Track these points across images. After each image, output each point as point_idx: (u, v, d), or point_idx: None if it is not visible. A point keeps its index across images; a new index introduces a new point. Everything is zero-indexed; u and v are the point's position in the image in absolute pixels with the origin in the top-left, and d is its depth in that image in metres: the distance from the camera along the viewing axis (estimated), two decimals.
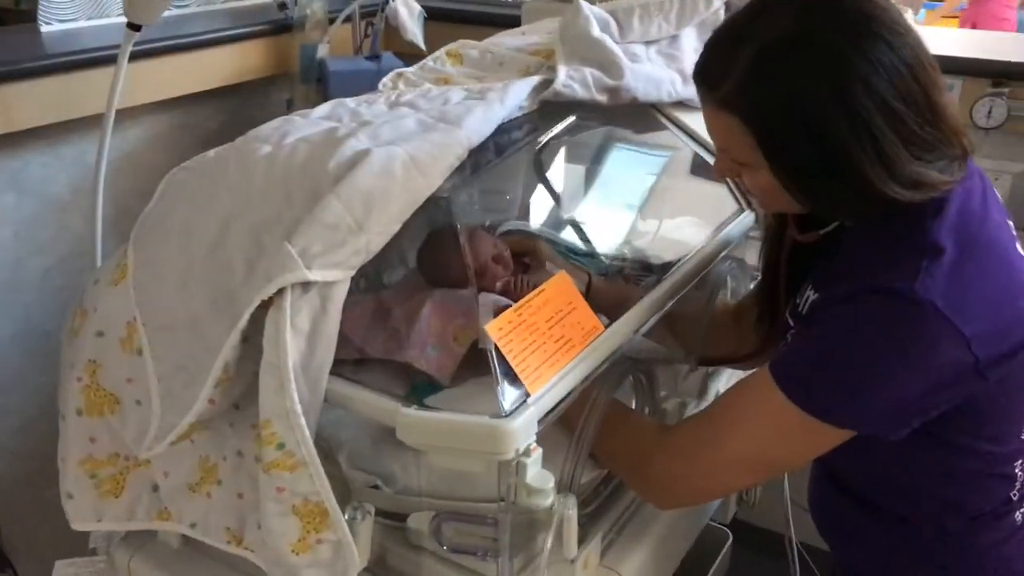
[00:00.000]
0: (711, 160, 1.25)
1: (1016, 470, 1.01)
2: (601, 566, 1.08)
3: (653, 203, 1.32)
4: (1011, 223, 0.99)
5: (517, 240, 1.21)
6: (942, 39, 2.06)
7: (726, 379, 1.31)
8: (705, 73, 0.93)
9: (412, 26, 2.15)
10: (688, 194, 1.32)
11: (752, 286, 1.32)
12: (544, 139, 1.08)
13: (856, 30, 0.85)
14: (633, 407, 1.12)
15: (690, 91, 1.24)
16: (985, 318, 0.88)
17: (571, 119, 1.12)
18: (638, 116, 1.23)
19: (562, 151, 1.19)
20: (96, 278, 1.05)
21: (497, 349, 0.86)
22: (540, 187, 1.24)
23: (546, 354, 0.89)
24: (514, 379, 0.86)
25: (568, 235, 1.27)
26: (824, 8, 0.87)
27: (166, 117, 1.98)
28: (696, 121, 1.26)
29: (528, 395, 0.85)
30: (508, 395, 0.84)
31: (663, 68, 1.21)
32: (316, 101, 2.14)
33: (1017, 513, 1.03)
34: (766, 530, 1.60)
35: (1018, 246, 0.96)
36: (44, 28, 1.78)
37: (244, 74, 2.10)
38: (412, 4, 2.16)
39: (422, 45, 2.15)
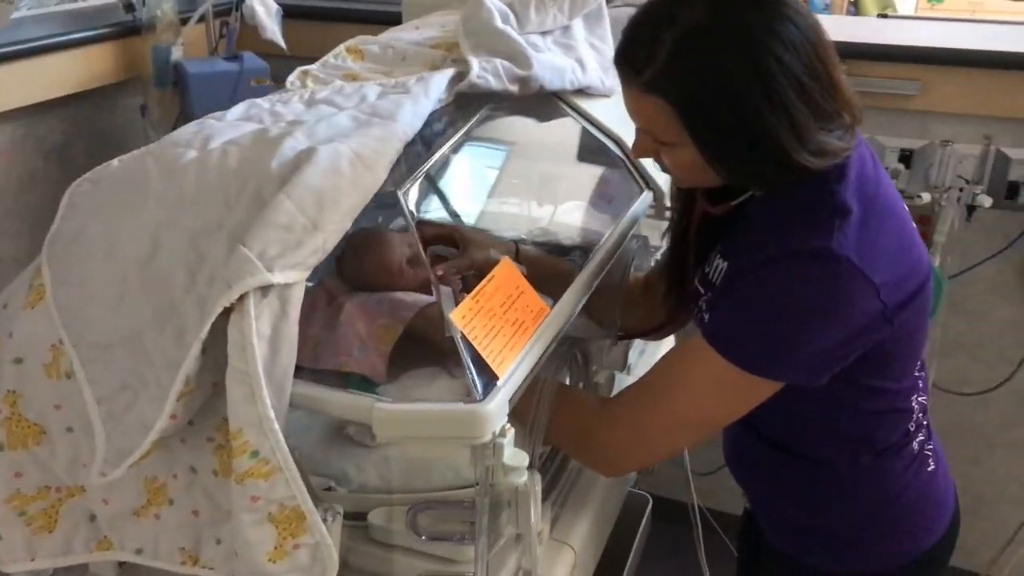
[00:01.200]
0: (612, 145, 1.32)
1: (913, 403, 1.13)
2: (551, 539, 1.12)
3: (558, 188, 1.37)
4: None
5: (437, 230, 1.23)
6: None
7: (639, 350, 1.38)
8: (629, 58, 0.98)
9: (271, 24, 2.09)
10: (589, 178, 1.38)
11: (654, 260, 1.39)
12: (463, 131, 1.10)
13: (768, 13, 0.92)
14: (567, 383, 1.16)
15: (589, 79, 1.30)
16: (889, 269, 0.98)
17: (485, 111, 1.15)
18: (542, 105, 1.27)
19: (477, 143, 1.21)
20: (4, 303, 0.98)
21: (464, 336, 0.87)
22: (459, 180, 1.26)
23: (506, 337, 0.91)
24: (481, 364, 0.88)
25: (483, 223, 1.30)
26: None
27: (7, 129, 1.84)
28: (596, 108, 1.32)
29: (496, 378, 0.87)
30: (479, 380, 0.86)
31: (562, 57, 1.26)
32: (173, 106, 2.06)
33: (914, 443, 1.15)
34: (662, 497, 1.69)
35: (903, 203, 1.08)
36: None
37: (90, 81, 1.98)
38: (269, 2, 2.11)
39: (282, 44, 2.10)
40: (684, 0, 0.94)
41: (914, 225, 1.07)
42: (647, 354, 1.45)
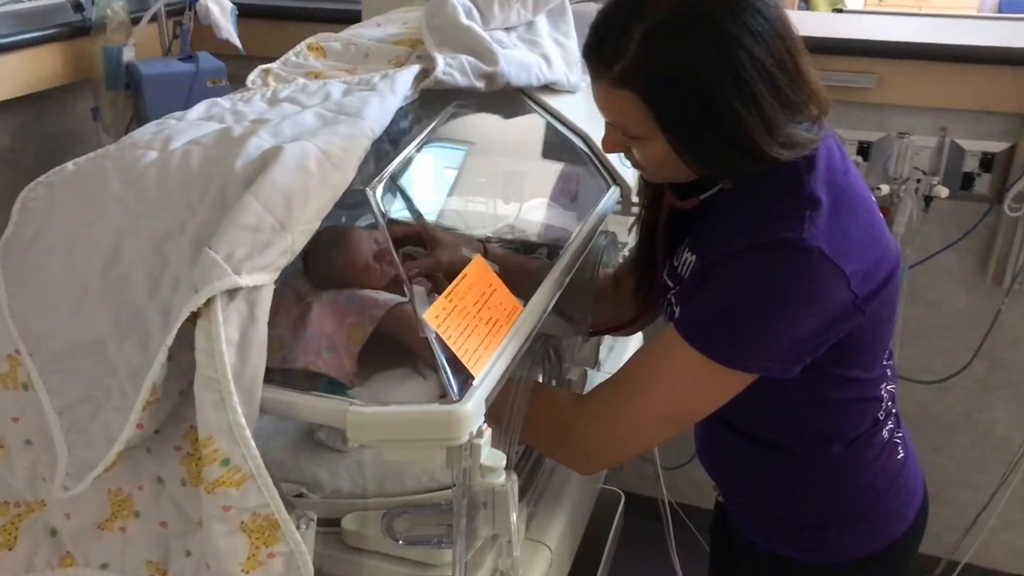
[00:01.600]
0: (578, 141, 1.32)
1: (882, 392, 1.14)
2: (527, 539, 1.11)
3: (523, 186, 1.36)
4: None
5: (404, 229, 1.22)
6: None
7: (608, 347, 1.38)
8: (598, 52, 0.97)
9: (226, 24, 2.05)
10: (554, 174, 1.37)
11: (622, 256, 1.39)
12: (429, 128, 1.08)
13: (737, 4, 0.92)
14: (540, 381, 1.15)
15: (555, 75, 1.29)
16: (859, 259, 0.98)
17: (451, 108, 1.13)
18: (508, 102, 1.26)
19: (444, 142, 1.20)
20: None
21: (438, 336, 0.86)
22: (426, 178, 1.24)
23: (480, 336, 0.90)
24: (456, 363, 0.86)
25: (449, 222, 1.28)
26: None
27: None
28: (561, 104, 1.31)
29: (472, 378, 0.86)
30: (455, 380, 0.85)
31: (528, 53, 1.25)
32: (127, 109, 2.01)
33: (884, 431, 1.16)
34: (632, 493, 1.69)
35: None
36: None
37: (38, 83, 1.93)
38: (223, 1, 2.07)
39: (238, 44, 2.07)
40: None
41: (882, 215, 1.07)
42: (615, 351, 1.45)
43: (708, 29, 0.91)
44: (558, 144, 1.31)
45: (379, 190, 0.93)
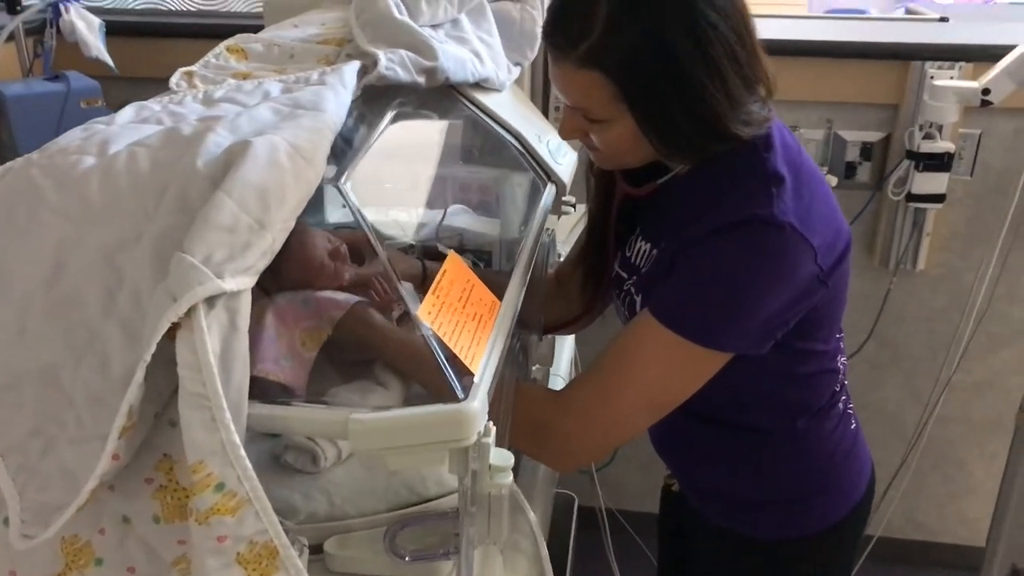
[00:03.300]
0: (511, 139, 1.29)
1: (838, 364, 1.17)
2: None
3: (467, 188, 1.32)
4: None
5: (347, 235, 1.16)
6: None
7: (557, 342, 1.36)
8: (562, 32, 0.95)
9: (94, 41, 1.92)
10: (493, 175, 1.34)
11: (563, 254, 1.38)
12: (388, 122, 1.03)
13: None
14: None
15: (487, 71, 1.26)
16: (822, 233, 1.00)
17: (396, 105, 1.09)
18: (443, 99, 1.22)
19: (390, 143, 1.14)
20: None
21: (435, 334, 0.81)
22: (371, 183, 1.18)
23: (470, 332, 0.86)
24: (454, 361, 0.82)
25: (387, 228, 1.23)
26: None
27: None
28: (492, 101, 1.28)
29: (472, 375, 0.81)
30: (456, 379, 0.80)
31: (460, 49, 1.22)
32: None
33: (839, 403, 1.19)
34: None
35: None
36: None
37: None
38: (89, 17, 1.93)
39: (109, 62, 1.93)
40: None
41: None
42: (556, 350, 1.43)
43: (676, 4, 0.91)
44: (494, 143, 1.28)
45: (348, 184, 0.87)
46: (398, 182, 1.28)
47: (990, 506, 1.99)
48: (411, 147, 1.26)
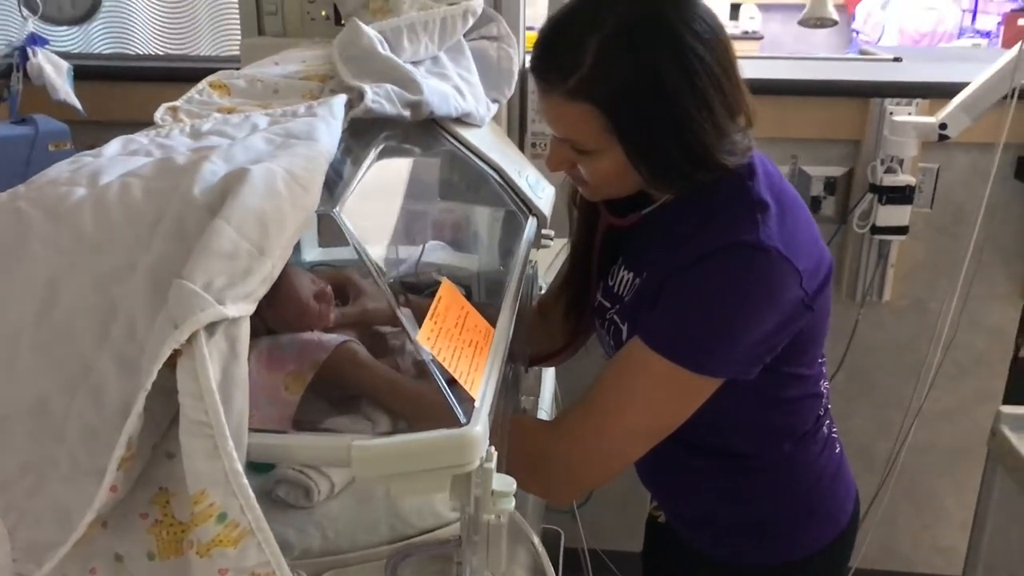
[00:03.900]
0: (492, 173, 1.31)
1: (822, 388, 1.19)
2: None
3: (441, 223, 1.33)
4: None
5: (329, 274, 1.15)
6: None
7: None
8: (551, 65, 0.97)
9: (62, 84, 1.90)
10: (479, 210, 1.35)
11: (543, 286, 1.38)
12: (377, 153, 1.03)
13: (686, 13, 0.95)
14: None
15: (469, 106, 1.28)
16: (806, 258, 1.03)
17: (382, 139, 1.09)
18: (424, 133, 1.23)
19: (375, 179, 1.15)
20: None
21: (435, 359, 0.81)
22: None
23: (468, 358, 0.85)
24: (453, 385, 0.81)
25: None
26: None
27: None
28: (472, 136, 1.30)
29: (472, 400, 0.81)
30: (458, 403, 0.79)
31: (442, 83, 1.23)
32: None
33: (824, 427, 1.21)
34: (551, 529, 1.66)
35: None
36: None
37: None
38: (57, 60, 1.92)
39: (77, 105, 1.92)
40: (602, 1, 0.95)
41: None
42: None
43: (666, 36, 0.93)
44: (475, 177, 1.29)
45: (344, 214, 0.87)
46: (380, 217, 1.28)
47: (963, 534, 2.01)
48: (394, 181, 1.26)
